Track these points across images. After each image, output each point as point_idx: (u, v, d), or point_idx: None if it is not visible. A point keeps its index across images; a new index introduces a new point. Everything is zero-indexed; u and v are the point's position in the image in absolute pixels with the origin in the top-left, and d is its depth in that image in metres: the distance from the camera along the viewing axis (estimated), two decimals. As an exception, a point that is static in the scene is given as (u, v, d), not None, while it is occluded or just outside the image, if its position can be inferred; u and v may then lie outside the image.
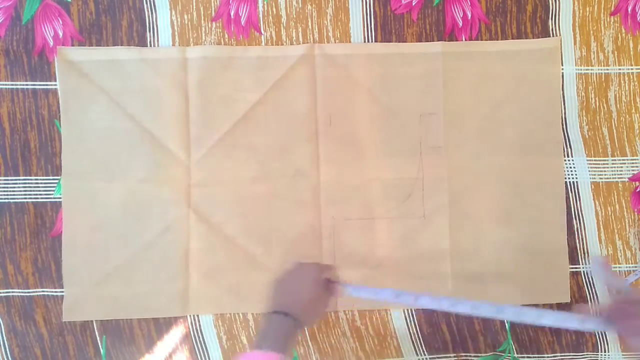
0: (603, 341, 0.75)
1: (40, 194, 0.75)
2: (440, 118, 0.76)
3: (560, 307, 0.76)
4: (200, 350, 0.75)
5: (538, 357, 0.75)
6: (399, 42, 0.76)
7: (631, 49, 0.77)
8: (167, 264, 0.74)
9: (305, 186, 0.75)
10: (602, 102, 0.77)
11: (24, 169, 0.75)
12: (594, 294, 0.76)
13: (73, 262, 0.74)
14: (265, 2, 0.76)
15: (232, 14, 0.76)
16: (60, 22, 0.75)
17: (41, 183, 0.75)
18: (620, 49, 0.77)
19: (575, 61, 0.77)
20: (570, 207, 0.76)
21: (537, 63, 0.76)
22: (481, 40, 0.77)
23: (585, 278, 0.76)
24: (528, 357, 0.75)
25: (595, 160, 0.77)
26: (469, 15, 0.77)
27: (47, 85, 0.75)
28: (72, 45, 0.75)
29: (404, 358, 0.75)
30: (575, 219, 0.76)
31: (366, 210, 0.75)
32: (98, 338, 0.75)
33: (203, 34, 0.76)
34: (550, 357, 0.75)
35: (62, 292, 0.74)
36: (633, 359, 0.76)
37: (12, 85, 0.75)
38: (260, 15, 0.76)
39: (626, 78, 0.77)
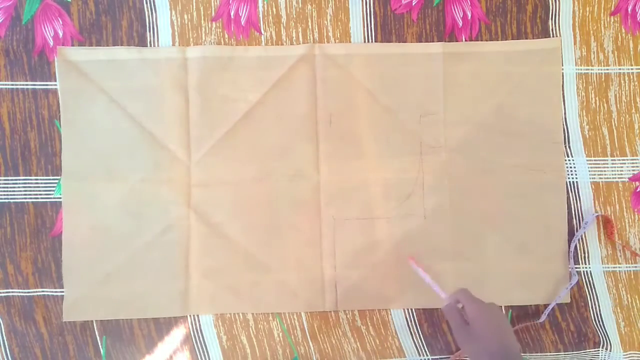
0: (604, 340, 0.75)
1: (40, 194, 0.75)
2: (440, 118, 0.76)
3: (561, 307, 0.76)
4: (200, 350, 0.75)
5: (541, 355, 0.75)
6: (399, 42, 0.76)
7: (631, 49, 0.77)
8: (167, 264, 0.74)
9: (305, 186, 0.75)
10: (602, 102, 0.77)
11: (24, 169, 0.75)
12: (594, 294, 0.76)
13: (73, 262, 0.74)
14: (265, 2, 0.76)
15: (232, 14, 0.76)
16: (60, 22, 0.75)
17: (41, 183, 0.75)
18: (620, 49, 0.77)
19: (575, 61, 0.77)
20: (570, 207, 0.76)
21: (537, 63, 0.76)
22: (481, 40, 0.77)
23: (585, 278, 0.76)
24: (530, 355, 0.75)
25: (595, 160, 0.77)
26: (469, 15, 0.77)
27: (47, 85, 0.75)
28: (72, 45, 0.75)
29: (406, 358, 0.75)
30: (575, 218, 0.76)
31: (366, 210, 0.75)
32: (98, 338, 0.75)
33: (203, 34, 0.76)
34: (553, 355, 0.75)
35: (62, 292, 0.74)
36: (633, 359, 0.76)
37: (12, 85, 0.75)
38: (260, 15, 0.76)
39: (626, 78, 0.77)
